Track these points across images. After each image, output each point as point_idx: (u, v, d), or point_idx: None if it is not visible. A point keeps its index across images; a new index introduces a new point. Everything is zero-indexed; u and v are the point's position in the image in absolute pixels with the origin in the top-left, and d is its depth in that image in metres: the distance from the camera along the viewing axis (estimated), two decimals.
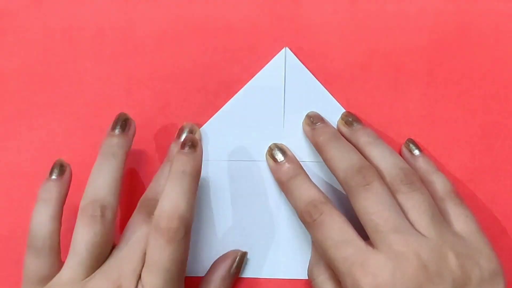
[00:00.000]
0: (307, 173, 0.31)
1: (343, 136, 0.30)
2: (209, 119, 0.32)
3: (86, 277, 0.25)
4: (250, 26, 0.32)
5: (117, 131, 0.29)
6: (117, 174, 0.27)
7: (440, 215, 0.27)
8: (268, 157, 0.31)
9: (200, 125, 0.32)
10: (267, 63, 0.32)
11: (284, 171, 0.30)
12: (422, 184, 0.28)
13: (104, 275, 0.25)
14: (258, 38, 0.32)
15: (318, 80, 0.32)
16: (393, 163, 0.28)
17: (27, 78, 0.33)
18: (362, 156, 0.28)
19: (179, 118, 0.32)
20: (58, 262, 0.27)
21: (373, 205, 0.26)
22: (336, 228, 0.26)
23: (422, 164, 0.31)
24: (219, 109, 0.32)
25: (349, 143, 0.29)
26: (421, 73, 0.32)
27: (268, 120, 0.32)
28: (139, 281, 0.25)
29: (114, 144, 0.28)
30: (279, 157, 0.30)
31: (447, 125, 0.32)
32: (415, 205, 0.27)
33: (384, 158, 0.28)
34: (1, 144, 0.32)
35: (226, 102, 0.32)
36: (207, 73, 0.32)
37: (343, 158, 0.28)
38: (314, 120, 0.31)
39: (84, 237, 0.25)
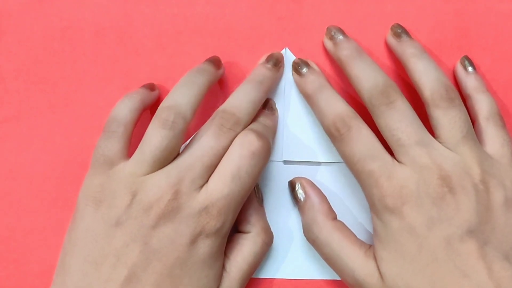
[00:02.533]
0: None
1: (389, 45, 0.31)
2: (209, 119, 0.32)
3: (148, 173, 0.26)
4: (250, 26, 0.32)
5: (207, 62, 0.30)
6: (201, 90, 0.28)
7: (473, 135, 0.27)
8: (293, 71, 0.31)
9: (200, 125, 0.32)
10: None
11: (309, 83, 0.30)
12: (462, 103, 0.27)
13: (164, 175, 0.26)
14: (258, 38, 0.32)
15: None
16: (436, 77, 0.28)
17: (27, 78, 0.33)
18: (385, 74, 0.28)
19: None
20: (126, 149, 0.28)
21: (396, 122, 0.26)
22: (364, 143, 0.27)
23: (474, 81, 0.30)
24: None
25: (373, 60, 0.29)
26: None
27: None
28: (203, 187, 0.26)
29: (203, 67, 0.30)
30: (303, 69, 0.30)
31: None
32: (450, 121, 0.27)
33: (427, 72, 0.28)
34: (1, 144, 0.32)
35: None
36: None
37: (368, 77, 0.28)
38: (335, 34, 0.31)
39: (152, 138, 0.26)
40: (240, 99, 0.28)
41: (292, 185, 0.31)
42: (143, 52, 0.33)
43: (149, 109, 0.32)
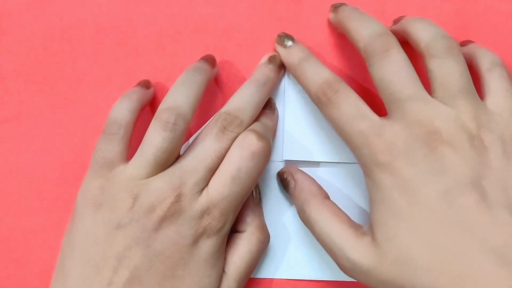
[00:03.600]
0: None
1: (393, 31, 0.29)
2: (209, 119, 0.32)
3: (149, 176, 0.26)
4: (250, 26, 0.32)
5: (203, 60, 0.30)
6: (199, 89, 0.28)
7: (471, 87, 0.26)
8: (277, 44, 0.31)
9: (200, 126, 0.32)
10: None
11: (294, 53, 0.30)
12: (461, 53, 0.26)
13: (167, 178, 0.26)
14: (258, 38, 0.32)
15: None
16: (436, 31, 0.27)
17: (27, 78, 0.33)
18: (383, 24, 0.28)
19: None
20: (126, 151, 0.28)
21: (389, 74, 0.26)
22: (352, 104, 0.27)
23: (475, 46, 0.30)
24: (219, 110, 0.32)
25: (372, 16, 0.29)
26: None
27: None
28: (204, 190, 0.26)
29: (200, 66, 0.30)
30: (288, 42, 0.31)
31: None
32: (446, 73, 0.26)
33: (426, 27, 0.28)
34: (1, 144, 0.32)
35: (225, 102, 0.32)
36: None
37: (364, 26, 0.28)
38: (338, 4, 0.31)
39: (153, 140, 0.26)
40: (244, 101, 0.28)
41: (280, 176, 0.31)
42: (143, 52, 0.33)
43: (148, 105, 0.32)
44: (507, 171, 0.24)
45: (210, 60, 0.30)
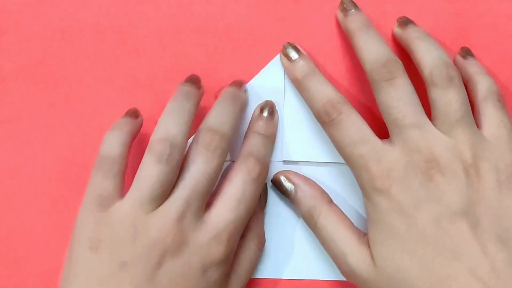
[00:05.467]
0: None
1: (396, 37, 0.31)
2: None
3: (147, 212, 0.25)
4: (250, 26, 0.32)
5: (189, 83, 0.29)
6: (190, 116, 0.28)
7: (470, 117, 0.27)
8: (282, 56, 0.31)
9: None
10: (267, 63, 0.32)
11: (299, 68, 0.30)
12: (462, 83, 0.27)
13: (164, 214, 0.25)
14: (258, 38, 0.32)
15: None
16: (438, 56, 0.27)
17: (27, 78, 0.33)
18: (390, 49, 0.28)
19: None
20: (121, 187, 0.27)
21: (393, 100, 0.26)
22: (354, 127, 0.27)
23: (473, 65, 0.30)
24: None
25: (379, 35, 0.29)
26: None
27: None
28: (205, 216, 0.26)
29: (187, 90, 0.29)
30: (293, 55, 0.30)
31: None
32: (446, 103, 0.26)
33: (428, 51, 0.28)
34: (1, 144, 0.32)
35: None
36: (207, 73, 0.32)
37: (372, 50, 0.28)
38: (347, 6, 0.30)
39: (148, 173, 0.26)
40: (220, 115, 0.28)
41: (277, 181, 0.31)
42: (143, 52, 0.33)
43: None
44: (499, 200, 0.25)
45: (196, 81, 0.30)
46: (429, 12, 0.32)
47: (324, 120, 0.28)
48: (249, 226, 0.29)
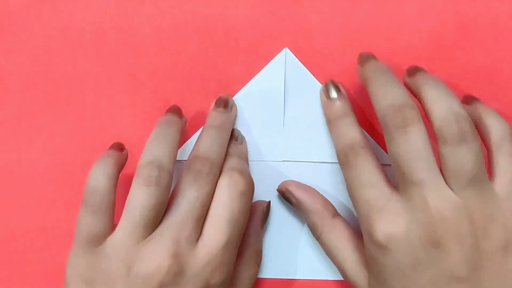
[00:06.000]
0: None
1: (406, 86, 0.28)
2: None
3: (139, 240, 0.25)
4: (250, 26, 0.32)
5: (170, 113, 0.29)
6: (174, 141, 0.27)
7: (483, 175, 0.25)
8: (322, 92, 0.31)
9: (200, 126, 0.32)
10: (267, 63, 0.32)
11: (334, 108, 0.30)
12: (476, 135, 0.25)
13: (158, 241, 0.25)
14: (258, 38, 0.32)
15: (318, 80, 0.32)
16: (448, 106, 0.25)
17: (27, 78, 0.33)
18: (406, 93, 0.26)
19: None
20: (112, 222, 0.26)
21: (405, 153, 0.25)
22: (367, 170, 0.26)
23: (481, 108, 0.28)
24: None
25: (396, 78, 0.27)
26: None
27: (268, 121, 0.32)
28: (199, 241, 0.25)
29: (170, 118, 0.29)
30: (333, 94, 0.30)
31: None
32: (457, 162, 0.24)
33: (438, 99, 0.25)
34: (1, 144, 0.32)
35: None
36: (207, 73, 0.32)
37: (386, 94, 0.26)
38: (366, 57, 0.30)
39: (138, 198, 0.25)
40: (209, 143, 0.28)
41: (281, 193, 0.31)
42: (143, 52, 0.33)
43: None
44: (505, 263, 0.24)
45: (177, 111, 0.30)
46: (429, 12, 0.32)
47: (342, 161, 0.27)
48: (248, 243, 0.29)
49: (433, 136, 0.25)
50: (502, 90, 0.32)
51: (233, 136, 0.31)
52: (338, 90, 0.30)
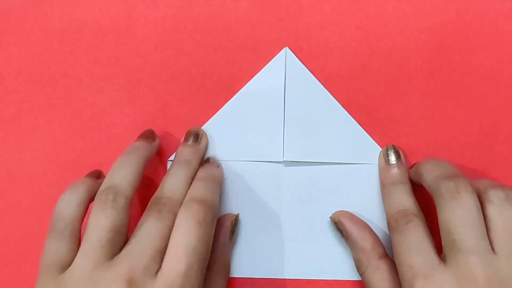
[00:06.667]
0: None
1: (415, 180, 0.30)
2: (209, 119, 0.32)
3: (99, 265, 0.25)
4: (250, 26, 0.32)
5: (138, 140, 0.30)
6: (136, 167, 0.28)
7: None
8: (381, 155, 0.31)
9: (200, 125, 0.32)
10: (267, 63, 0.32)
11: (390, 174, 0.30)
12: (470, 187, 0.26)
13: (116, 268, 0.25)
14: (258, 38, 0.32)
15: (318, 80, 0.32)
16: (487, 180, 0.27)
17: (27, 78, 0.33)
18: (456, 168, 0.27)
19: (179, 118, 0.32)
20: (76, 249, 0.26)
21: (456, 220, 0.25)
22: (415, 237, 0.26)
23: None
24: (219, 109, 0.32)
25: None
26: (421, 73, 0.32)
27: (269, 120, 0.32)
28: (158, 273, 0.25)
29: (136, 145, 0.30)
30: (392, 159, 0.31)
31: (447, 125, 0.32)
32: (505, 224, 0.25)
33: (431, 169, 0.28)
34: (1, 144, 0.32)
35: (226, 102, 0.32)
36: (207, 73, 0.32)
37: (437, 167, 0.28)
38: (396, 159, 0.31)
39: (96, 222, 0.25)
40: (173, 183, 0.28)
41: (333, 222, 0.31)
42: (143, 52, 0.33)
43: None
44: None
45: (148, 136, 0.30)
46: (429, 12, 0.32)
47: (393, 226, 0.27)
48: (216, 257, 0.29)
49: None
50: (502, 90, 0.32)
51: (208, 160, 0.31)
52: (398, 156, 0.31)
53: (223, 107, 0.32)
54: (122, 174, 0.27)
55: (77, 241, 0.27)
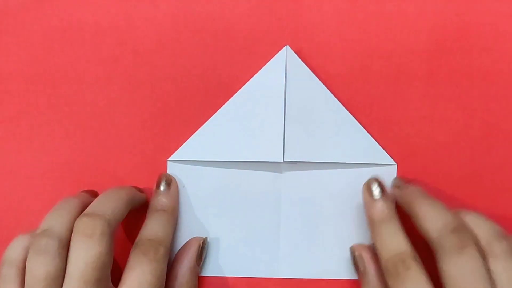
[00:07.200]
0: (306, 172, 0.31)
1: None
2: (209, 119, 0.32)
3: None
4: (250, 26, 0.32)
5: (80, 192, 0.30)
6: (71, 211, 0.28)
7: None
8: (364, 189, 0.30)
9: (200, 125, 0.32)
10: (267, 63, 0.32)
11: (378, 209, 0.29)
12: (474, 245, 0.26)
13: None
14: (258, 38, 0.32)
15: (320, 79, 0.32)
16: (490, 225, 0.27)
17: (27, 78, 0.33)
18: (456, 216, 0.27)
19: (179, 118, 0.32)
20: None
21: (461, 274, 0.25)
22: (418, 286, 0.26)
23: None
24: (219, 109, 0.32)
25: (440, 201, 0.28)
26: (421, 73, 0.32)
27: (269, 120, 0.32)
28: None
29: (72, 196, 0.30)
30: (376, 193, 0.30)
31: (447, 125, 0.32)
32: (509, 277, 0.25)
33: (480, 220, 0.27)
34: (1, 144, 0.32)
35: (226, 102, 0.32)
36: (207, 73, 0.32)
37: (438, 216, 0.27)
38: (399, 182, 0.31)
39: (31, 270, 0.26)
40: (151, 228, 0.28)
41: (352, 253, 0.31)
42: (143, 52, 0.33)
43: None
44: None
45: (88, 193, 0.31)
46: (429, 12, 0.32)
47: (390, 271, 0.27)
48: (182, 282, 0.30)
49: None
50: (502, 90, 0.32)
51: (157, 184, 0.31)
52: (382, 189, 0.30)
53: (222, 106, 0.32)
54: (55, 217, 0.27)
55: (21, 284, 0.27)
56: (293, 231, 0.32)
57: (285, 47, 0.32)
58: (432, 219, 0.27)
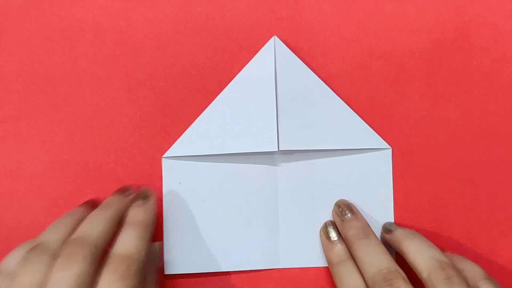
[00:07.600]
0: (301, 161, 0.31)
1: (383, 240, 0.31)
2: (201, 113, 0.32)
3: None
4: (250, 26, 0.32)
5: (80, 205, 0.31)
6: (66, 226, 0.28)
7: None
8: (322, 233, 0.32)
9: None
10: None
11: (336, 252, 0.30)
12: (461, 277, 0.27)
13: None
14: (258, 38, 0.32)
15: (317, 76, 0.32)
16: (430, 256, 0.28)
17: (27, 78, 0.33)
18: (390, 258, 0.28)
19: (179, 118, 0.32)
20: None
21: None
22: None
23: (452, 256, 0.30)
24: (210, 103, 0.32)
25: (379, 241, 0.29)
26: (421, 73, 0.32)
27: (261, 110, 0.31)
28: None
29: (72, 211, 0.30)
30: (333, 235, 0.31)
31: (447, 125, 0.32)
32: None
33: (420, 251, 0.28)
34: (1, 144, 0.32)
35: (217, 96, 0.32)
36: (207, 73, 0.32)
37: (372, 261, 0.28)
38: (342, 211, 0.31)
39: (19, 279, 0.26)
40: (128, 242, 0.28)
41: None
42: (143, 52, 0.33)
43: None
44: None
45: (88, 206, 0.31)
46: (429, 12, 0.32)
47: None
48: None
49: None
50: (502, 90, 0.32)
51: (136, 195, 0.31)
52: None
53: (214, 100, 0.32)
54: (57, 232, 0.27)
55: None
56: (291, 220, 0.32)
57: (273, 37, 0.32)
58: (367, 264, 0.28)
